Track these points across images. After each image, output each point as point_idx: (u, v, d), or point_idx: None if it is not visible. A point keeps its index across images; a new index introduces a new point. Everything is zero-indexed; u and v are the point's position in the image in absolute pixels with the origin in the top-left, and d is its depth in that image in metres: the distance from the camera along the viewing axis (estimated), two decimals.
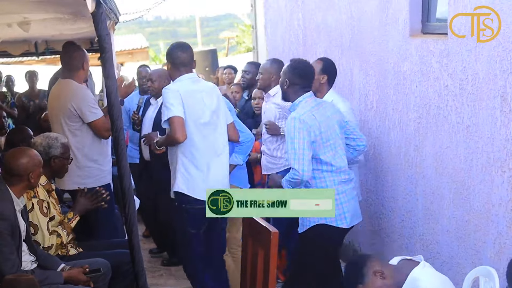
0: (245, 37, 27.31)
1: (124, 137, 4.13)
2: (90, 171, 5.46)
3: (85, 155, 5.43)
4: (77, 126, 5.40)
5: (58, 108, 5.50)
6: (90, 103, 5.40)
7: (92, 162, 5.48)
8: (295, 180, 4.51)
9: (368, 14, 5.87)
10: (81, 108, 5.35)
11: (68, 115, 5.39)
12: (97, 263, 4.66)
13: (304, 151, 4.50)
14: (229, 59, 21.87)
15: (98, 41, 3.89)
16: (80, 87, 5.47)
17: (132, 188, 4.10)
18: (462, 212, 4.60)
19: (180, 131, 4.78)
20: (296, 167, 4.48)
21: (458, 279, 4.38)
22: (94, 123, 5.38)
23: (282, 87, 4.86)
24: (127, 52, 24.07)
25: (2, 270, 4.00)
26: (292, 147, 4.52)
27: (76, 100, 5.37)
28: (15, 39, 7.13)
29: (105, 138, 5.51)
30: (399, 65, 5.34)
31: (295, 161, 4.49)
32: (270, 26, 9.41)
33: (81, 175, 5.41)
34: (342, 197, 4.66)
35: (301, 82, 4.76)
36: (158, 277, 6.76)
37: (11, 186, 4.20)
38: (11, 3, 4.51)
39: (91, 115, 5.36)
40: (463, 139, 4.53)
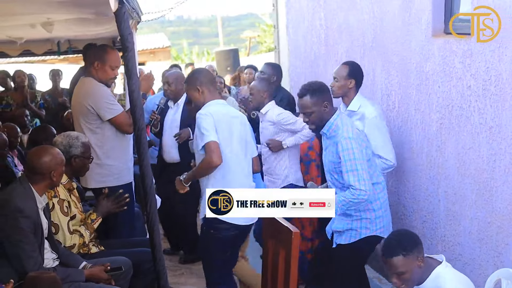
0: (267, 36, 27.34)
1: (146, 136, 4.15)
2: (110, 169, 5.47)
3: (105, 153, 5.43)
4: (96, 124, 5.40)
5: (77, 107, 5.52)
6: (107, 100, 5.39)
7: (113, 160, 5.48)
8: (359, 200, 4.46)
9: (391, 14, 5.84)
10: (97, 106, 5.35)
11: (85, 113, 5.40)
12: (119, 261, 4.68)
13: (365, 171, 4.48)
14: (250, 58, 21.91)
15: (120, 41, 3.90)
16: (97, 85, 5.46)
17: (154, 187, 4.11)
18: (484, 214, 4.57)
19: (216, 154, 4.71)
20: (362, 188, 4.42)
21: (480, 281, 4.36)
22: (114, 120, 5.38)
23: (321, 113, 4.64)
24: (149, 51, 24.19)
25: (25, 267, 4.04)
26: (354, 168, 4.44)
27: (92, 98, 5.38)
28: (38, 38, 7.18)
29: (129, 133, 5.50)
30: (422, 65, 5.31)
31: (360, 182, 4.43)
32: (292, 26, 9.40)
33: (101, 173, 5.42)
34: (386, 205, 4.75)
35: (330, 100, 4.70)
36: (179, 275, 6.78)
37: (34, 184, 4.23)
38: (35, 4, 4.53)
39: (108, 112, 5.36)
40: (486, 140, 4.50)
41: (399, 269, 3.64)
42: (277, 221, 4.27)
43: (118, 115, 5.37)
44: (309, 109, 4.61)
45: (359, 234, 4.68)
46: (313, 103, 4.59)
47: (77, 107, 5.55)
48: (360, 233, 4.67)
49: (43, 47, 7.80)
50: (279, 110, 5.99)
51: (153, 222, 4.09)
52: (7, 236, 4.04)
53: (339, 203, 4.49)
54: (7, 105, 9.30)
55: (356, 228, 4.68)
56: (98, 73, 5.47)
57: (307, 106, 4.61)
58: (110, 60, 5.48)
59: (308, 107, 4.60)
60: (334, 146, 4.59)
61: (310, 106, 4.59)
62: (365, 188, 4.42)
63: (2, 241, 4.00)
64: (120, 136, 5.51)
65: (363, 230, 4.67)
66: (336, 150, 4.56)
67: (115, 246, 5.15)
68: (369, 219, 4.65)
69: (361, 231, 4.67)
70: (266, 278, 4.55)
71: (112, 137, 5.47)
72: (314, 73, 8.12)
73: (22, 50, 7.81)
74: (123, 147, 5.59)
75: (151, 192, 4.07)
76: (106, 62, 5.47)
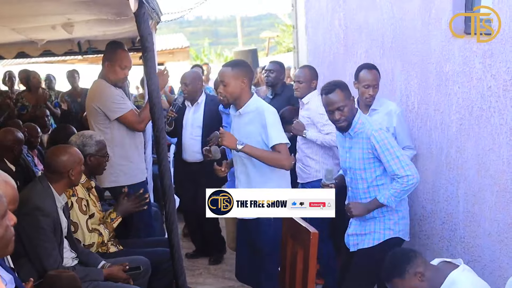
0: (286, 37, 27.36)
1: (165, 136, 4.16)
2: (122, 169, 5.50)
3: (116, 153, 5.46)
4: (105, 124, 5.46)
5: (88, 108, 5.61)
6: (113, 100, 5.44)
7: (124, 160, 5.52)
8: (412, 185, 4.46)
9: (411, 14, 5.81)
10: (104, 106, 5.41)
11: (94, 114, 5.47)
12: (137, 260, 4.70)
13: (404, 156, 4.50)
14: (269, 58, 21.86)
15: (140, 41, 3.92)
16: (104, 86, 5.50)
17: (172, 187, 4.13)
18: (504, 215, 4.53)
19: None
20: (408, 173, 4.42)
21: (500, 283, 4.33)
22: (122, 119, 5.43)
23: (352, 108, 4.64)
24: (168, 51, 24.27)
25: (45, 266, 4.07)
26: (395, 156, 4.45)
27: (99, 99, 5.44)
28: (58, 39, 7.23)
29: (140, 130, 5.54)
30: (442, 65, 5.28)
31: (404, 168, 4.43)
32: (311, 26, 9.39)
33: (113, 173, 5.46)
34: (406, 208, 4.75)
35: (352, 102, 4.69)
36: (197, 275, 6.80)
37: (53, 183, 4.27)
38: (56, 4, 4.56)
39: (115, 112, 5.41)
40: (506, 141, 4.46)
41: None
42: (296, 221, 4.27)
43: (126, 114, 5.42)
44: (342, 102, 4.56)
45: (383, 236, 4.66)
46: (344, 96, 4.57)
47: (88, 109, 5.63)
48: (384, 235, 4.66)
49: (64, 47, 7.87)
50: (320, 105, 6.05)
51: (171, 221, 4.10)
52: (27, 235, 4.07)
53: (391, 197, 4.50)
54: (22, 107, 9.36)
55: (379, 230, 4.67)
56: (109, 73, 5.52)
57: (340, 100, 4.56)
58: (119, 60, 5.53)
59: (341, 101, 4.56)
60: (362, 142, 4.58)
61: (342, 99, 4.56)
62: (411, 172, 4.43)
63: (22, 240, 4.03)
64: (130, 135, 5.54)
65: (387, 231, 4.66)
66: (365, 145, 4.56)
67: (134, 245, 5.18)
68: (392, 220, 4.64)
69: (384, 232, 4.66)
70: (284, 278, 4.54)
71: (121, 137, 5.51)
72: (333, 73, 8.10)
73: (42, 51, 7.88)
74: (133, 147, 5.61)
75: (170, 191, 4.08)
76: (115, 62, 5.52)
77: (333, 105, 4.59)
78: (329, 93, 4.59)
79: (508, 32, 4.29)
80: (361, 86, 5.42)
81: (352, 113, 4.61)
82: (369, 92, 5.38)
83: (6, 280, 2.94)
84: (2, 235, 2.37)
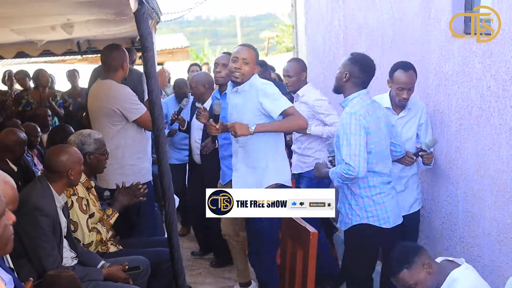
0: (285, 37, 27.31)
1: (165, 135, 4.17)
2: (132, 169, 5.52)
3: (127, 153, 5.48)
4: (121, 125, 5.47)
5: (99, 108, 5.57)
6: (131, 101, 5.46)
7: (134, 160, 5.54)
8: (349, 175, 4.37)
9: (410, 14, 5.81)
10: (124, 107, 5.41)
11: (110, 115, 5.44)
12: (137, 260, 4.70)
13: (360, 147, 4.38)
14: (268, 58, 21.85)
15: (140, 41, 3.93)
16: (120, 87, 5.52)
17: (172, 187, 4.12)
18: (504, 215, 4.53)
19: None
20: (352, 164, 4.33)
21: (499, 283, 4.33)
22: (140, 119, 5.45)
23: (340, 80, 4.70)
24: (167, 51, 24.24)
25: (44, 266, 4.06)
26: (347, 143, 4.39)
27: (118, 101, 5.43)
28: (58, 39, 7.23)
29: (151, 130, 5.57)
30: (441, 65, 5.28)
31: (350, 157, 4.34)
32: (310, 26, 9.38)
33: (122, 173, 5.46)
34: (383, 196, 4.61)
35: (362, 77, 4.65)
36: (196, 275, 6.79)
37: (52, 183, 4.26)
38: (55, 5, 4.56)
39: (135, 113, 5.44)
40: (506, 141, 4.46)
41: (409, 283, 3.66)
42: (295, 221, 4.27)
43: (144, 115, 5.43)
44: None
45: (350, 221, 4.65)
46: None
47: (98, 110, 5.59)
48: (351, 220, 4.64)
49: (63, 47, 7.88)
50: (317, 95, 6.03)
51: (171, 221, 4.10)
52: (27, 235, 4.06)
53: (335, 174, 4.51)
54: (27, 104, 9.38)
55: (346, 214, 4.68)
56: (123, 73, 5.55)
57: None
58: (128, 58, 5.61)
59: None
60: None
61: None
62: (354, 164, 4.34)
63: (21, 240, 4.02)
64: (141, 135, 5.57)
65: (354, 217, 4.63)
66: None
67: (133, 245, 5.18)
68: (358, 206, 4.60)
69: (352, 218, 4.64)
70: (284, 277, 4.55)
71: (134, 137, 5.53)
72: (332, 73, 8.04)
73: (42, 50, 7.88)
74: (144, 147, 5.65)
75: (169, 192, 4.08)
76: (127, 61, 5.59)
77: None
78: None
79: (508, 32, 4.29)
80: (394, 87, 5.14)
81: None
82: (403, 95, 5.10)
83: (5, 280, 2.94)
84: (1, 234, 2.36)
